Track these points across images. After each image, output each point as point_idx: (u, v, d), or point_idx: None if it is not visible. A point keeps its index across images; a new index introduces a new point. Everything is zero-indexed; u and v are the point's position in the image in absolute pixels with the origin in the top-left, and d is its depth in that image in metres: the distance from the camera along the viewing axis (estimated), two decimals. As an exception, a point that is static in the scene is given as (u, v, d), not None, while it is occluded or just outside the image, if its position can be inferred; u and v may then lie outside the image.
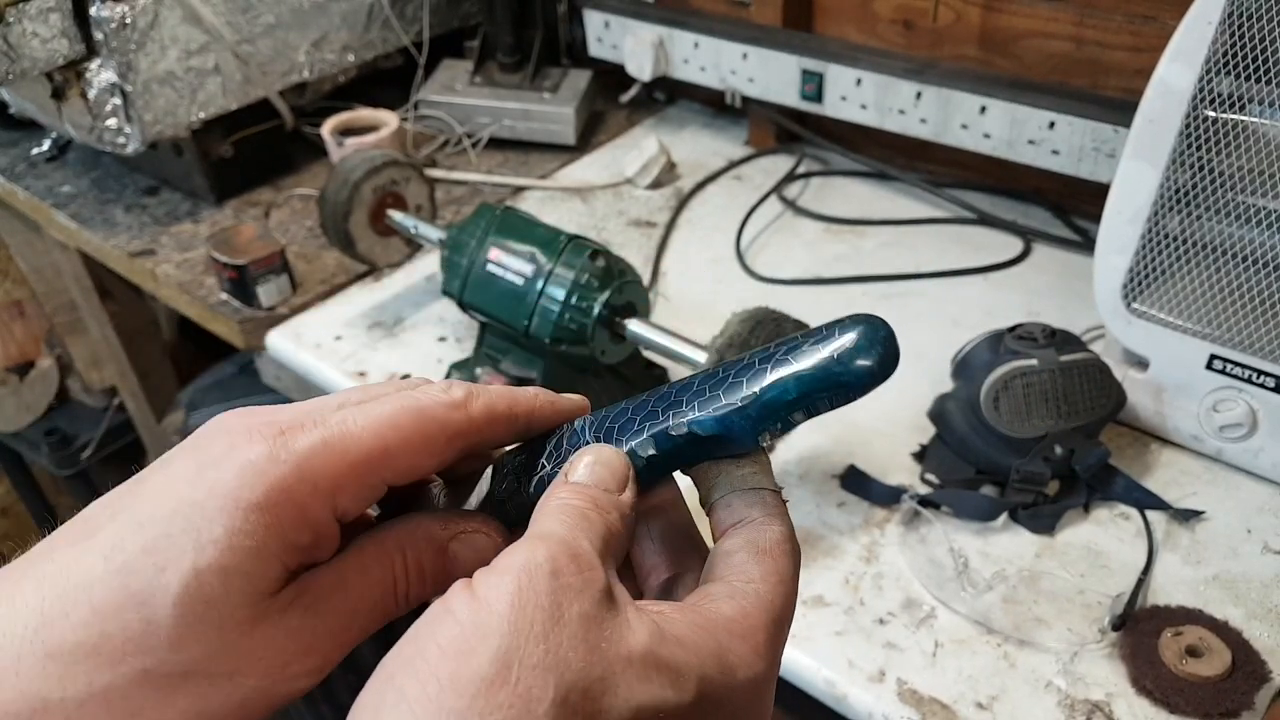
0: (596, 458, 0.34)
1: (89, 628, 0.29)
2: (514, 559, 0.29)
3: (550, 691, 0.26)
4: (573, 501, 0.32)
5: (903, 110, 1.15)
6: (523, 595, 0.28)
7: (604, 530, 0.31)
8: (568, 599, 0.28)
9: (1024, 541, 0.80)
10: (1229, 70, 0.76)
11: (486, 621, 0.27)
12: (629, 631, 0.29)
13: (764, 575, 0.32)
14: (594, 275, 0.84)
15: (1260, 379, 0.80)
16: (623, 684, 0.28)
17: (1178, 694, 0.67)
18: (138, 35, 1.10)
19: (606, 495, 0.33)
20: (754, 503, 0.34)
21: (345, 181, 0.99)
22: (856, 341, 0.32)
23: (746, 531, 0.34)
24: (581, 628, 0.28)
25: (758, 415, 0.33)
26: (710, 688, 0.29)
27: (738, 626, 0.31)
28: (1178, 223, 0.81)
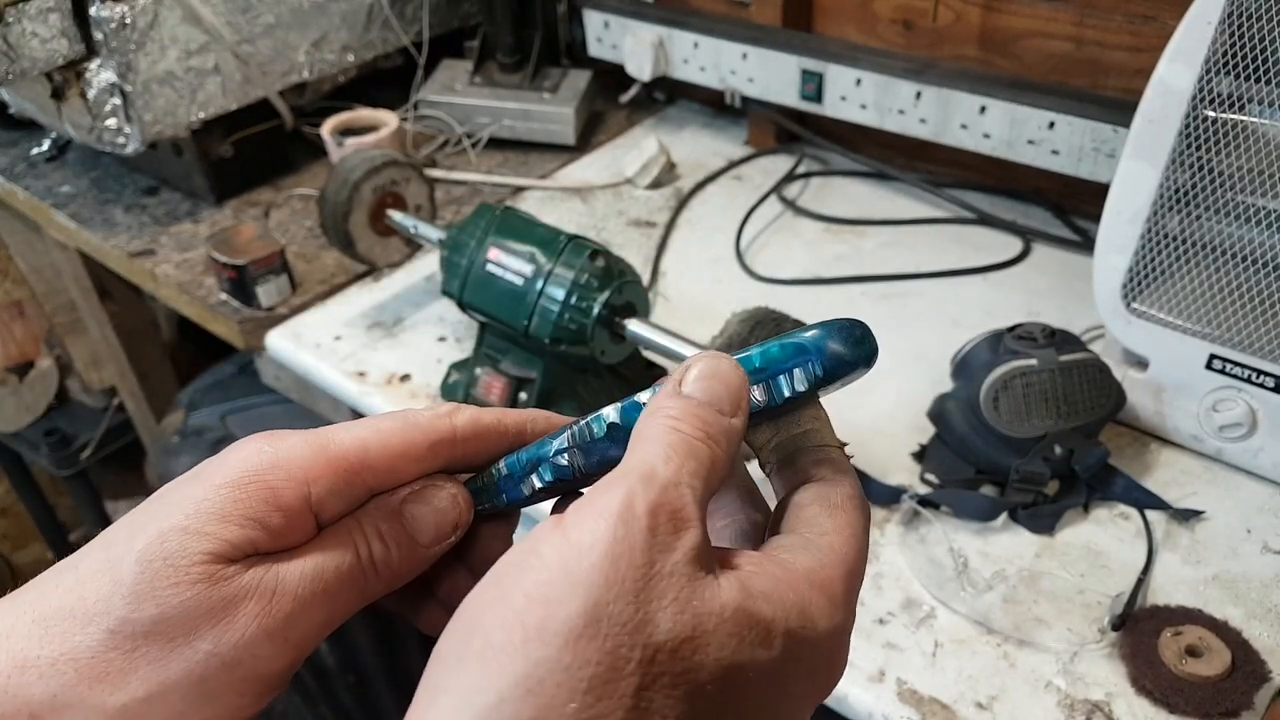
0: (712, 368, 0.32)
1: (71, 592, 0.31)
2: (611, 500, 0.28)
3: (638, 651, 0.26)
4: (683, 427, 0.30)
5: (902, 110, 1.15)
6: (617, 547, 0.27)
7: (709, 467, 0.30)
8: (663, 556, 0.27)
9: (1024, 541, 0.80)
10: (1228, 70, 0.76)
11: (576, 569, 0.27)
12: (719, 590, 0.28)
13: (837, 528, 0.32)
14: (594, 275, 0.84)
15: (1260, 379, 0.80)
16: (713, 643, 0.27)
17: (1177, 694, 0.67)
18: (137, 35, 1.10)
19: (719, 420, 0.31)
20: (820, 460, 0.34)
21: (345, 181, 0.99)
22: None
23: (816, 488, 0.33)
24: (673, 586, 0.27)
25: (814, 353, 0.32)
26: (794, 642, 0.29)
27: (816, 577, 0.30)
28: (1177, 222, 0.81)
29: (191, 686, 0.31)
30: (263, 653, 0.32)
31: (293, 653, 0.33)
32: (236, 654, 0.31)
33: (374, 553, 0.34)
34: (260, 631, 0.32)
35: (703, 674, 0.27)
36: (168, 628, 0.31)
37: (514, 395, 0.91)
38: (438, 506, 0.35)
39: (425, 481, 0.36)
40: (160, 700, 0.31)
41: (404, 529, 0.35)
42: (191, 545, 0.31)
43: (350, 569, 0.34)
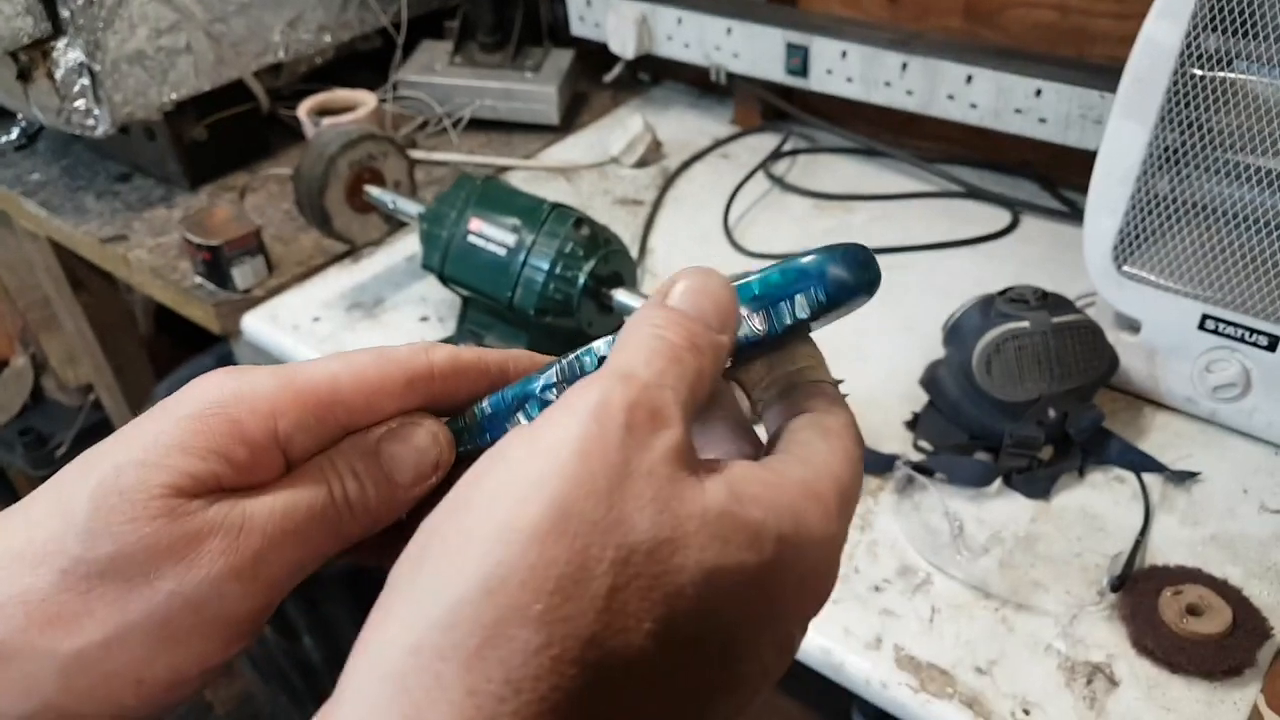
0: (700, 283, 0.30)
1: (18, 534, 0.29)
2: (587, 397, 0.26)
3: (610, 551, 0.24)
4: (668, 335, 0.28)
5: (889, 82, 1.14)
6: (588, 444, 0.25)
7: (694, 377, 0.28)
8: (639, 454, 0.26)
9: (1019, 506, 0.79)
10: (1215, 28, 0.75)
11: (545, 468, 0.25)
12: (701, 491, 0.26)
13: (830, 450, 0.30)
14: (579, 244, 0.82)
15: (1253, 338, 0.79)
16: (694, 545, 0.25)
17: (1179, 653, 0.65)
18: (105, 13, 1.07)
19: (705, 333, 0.29)
20: (814, 394, 0.33)
21: (321, 156, 0.97)
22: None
23: (810, 417, 0.32)
24: (650, 485, 0.25)
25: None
26: (786, 547, 0.27)
27: (810, 488, 0.29)
28: (1167, 182, 0.80)
29: (153, 629, 0.29)
30: (230, 592, 0.30)
31: (263, 595, 0.31)
32: (201, 593, 0.29)
33: (349, 491, 0.32)
34: (227, 569, 0.29)
35: (682, 576, 0.25)
36: (125, 566, 0.29)
37: (498, 370, 0.89)
38: (417, 445, 0.33)
39: (404, 419, 0.34)
40: (119, 644, 0.29)
41: (381, 468, 0.33)
42: (150, 478, 0.29)
43: (323, 507, 0.32)
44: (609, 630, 0.24)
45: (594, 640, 0.24)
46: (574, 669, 0.24)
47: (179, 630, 0.29)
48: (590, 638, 0.24)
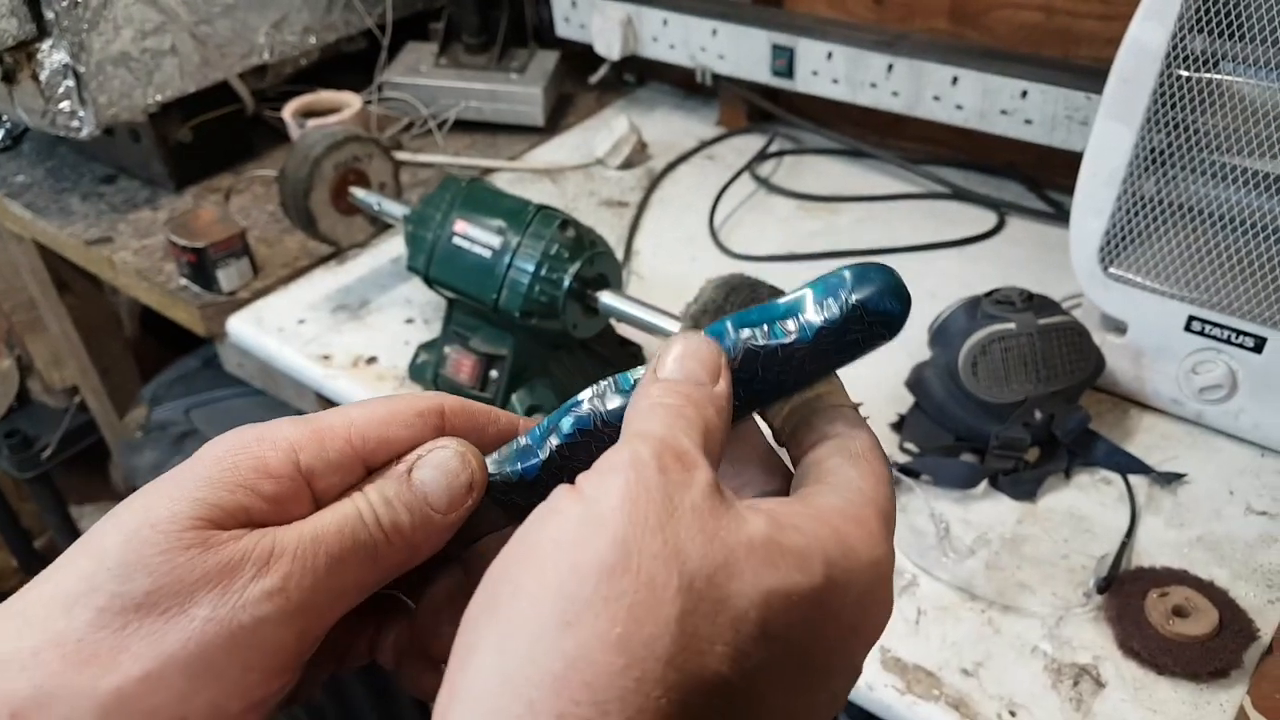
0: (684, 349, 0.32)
1: (49, 582, 0.29)
2: (618, 458, 0.28)
3: (674, 579, 0.25)
4: (666, 400, 0.30)
5: (874, 84, 1.13)
6: (633, 489, 0.27)
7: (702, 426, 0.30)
8: (679, 493, 0.27)
9: (1005, 508, 0.79)
10: (1201, 29, 0.75)
11: (599, 514, 0.26)
12: (744, 522, 0.27)
13: (862, 475, 0.31)
14: (564, 246, 0.82)
15: (1239, 339, 0.79)
16: (748, 570, 0.26)
17: (1166, 654, 0.65)
18: (90, 14, 1.07)
19: (700, 389, 0.31)
20: (834, 419, 0.33)
21: (306, 158, 0.96)
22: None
23: (834, 443, 0.33)
24: (696, 519, 0.27)
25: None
26: (836, 570, 0.28)
27: (849, 514, 0.30)
28: (1153, 184, 0.80)
29: (192, 661, 0.28)
30: (266, 616, 0.29)
31: (301, 623, 0.30)
32: (238, 620, 0.29)
33: (380, 516, 0.32)
34: (261, 593, 0.29)
35: (742, 601, 0.26)
36: (161, 598, 0.28)
37: (484, 373, 0.89)
38: (447, 467, 0.34)
39: (432, 444, 0.34)
40: (158, 680, 0.28)
41: (413, 492, 0.33)
42: (180, 511, 0.29)
43: (354, 532, 0.32)
44: (686, 653, 0.25)
45: (673, 662, 0.25)
46: (658, 690, 0.24)
47: (217, 661, 0.29)
48: (669, 660, 0.25)
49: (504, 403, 0.88)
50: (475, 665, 0.25)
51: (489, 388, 0.88)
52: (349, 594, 0.32)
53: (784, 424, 0.34)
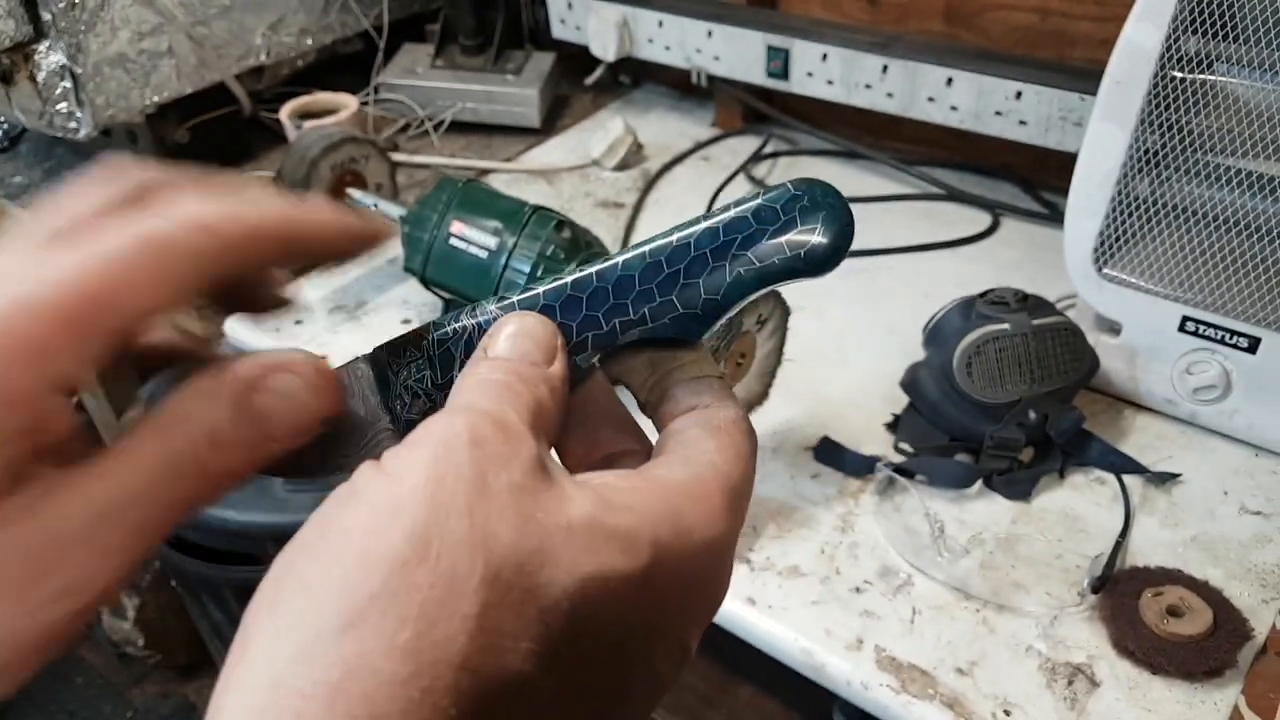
0: (519, 328, 0.30)
1: None
2: (428, 432, 0.26)
3: (479, 568, 0.23)
4: (494, 376, 0.28)
5: (869, 85, 1.14)
6: (440, 466, 0.25)
7: (532, 403, 0.28)
8: (493, 469, 0.25)
9: (1000, 508, 0.79)
10: (1196, 30, 0.75)
11: (399, 496, 0.24)
12: (567, 501, 0.25)
13: (719, 448, 0.30)
14: (560, 247, 0.82)
15: (1233, 340, 0.79)
16: (564, 555, 0.24)
17: (1160, 654, 0.65)
18: (87, 16, 1.07)
19: (533, 369, 0.29)
20: (701, 390, 0.32)
21: (302, 159, 0.96)
22: (820, 228, 0.30)
23: (697, 414, 0.31)
24: (511, 499, 0.25)
25: (716, 314, 0.31)
26: (665, 552, 0.26)
27: (692, 489, 0.28)
28: (1147, 185, 0.81)
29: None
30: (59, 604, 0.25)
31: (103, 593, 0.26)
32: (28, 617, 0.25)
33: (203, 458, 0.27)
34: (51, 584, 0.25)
35: (555, 589, 0.24)
36: None
37: (480, 373, 0.89)
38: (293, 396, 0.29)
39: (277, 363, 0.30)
40: None
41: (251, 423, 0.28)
42: None
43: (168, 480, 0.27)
44: (485, 654, 0.23)
45: (467, 666, 0.23)
46: (447, 699, 0.22)
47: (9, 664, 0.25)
48: (463, 664, 0.23)
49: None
50: (249, 661, 0.23)
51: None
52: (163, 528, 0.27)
53: (648, 395, 0.32)
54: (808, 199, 0.30)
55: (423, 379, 0.32)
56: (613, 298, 0.31)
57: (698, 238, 0.31)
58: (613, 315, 0.31)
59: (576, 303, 0.31)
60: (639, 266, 0.31)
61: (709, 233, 0.31)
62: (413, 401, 0.32)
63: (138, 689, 1.94)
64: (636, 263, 0.31)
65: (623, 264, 0.31)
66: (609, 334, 0.31)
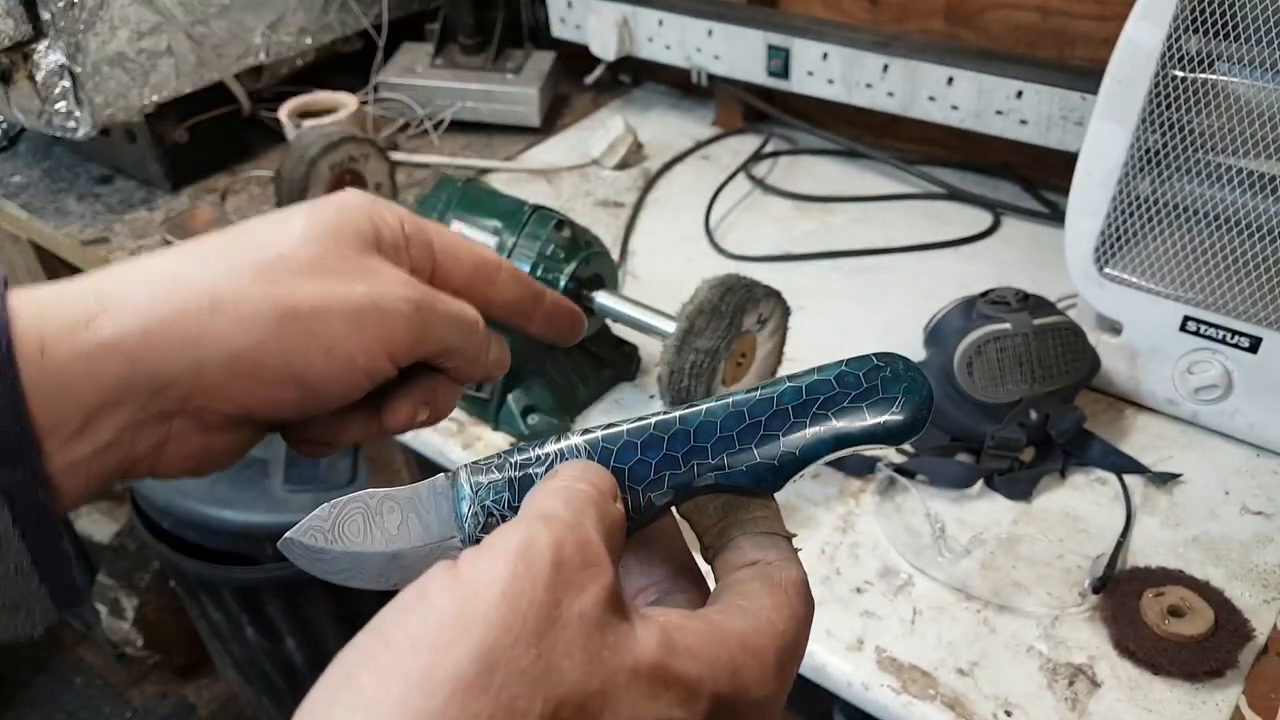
0: (587, 465, 0.31)
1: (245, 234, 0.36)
2: (509, 539, 0.25)
3: (538, 704, 0.23)
4: (579, 485, 0.28)
5: (870, 84, 1.14)
6: (517, 584, 0.24)
7: (611, 524, 0.28)
8: (569, 595, 0.24)
9: (1000, 508, 0.79)
10: (1197, 29, 0.75)
11: (471, 611, 0.23)
12: (635, 640, 0.25)
13: (777, 606, 0.29)
14: (560, 246, 0.82)
15: (1234, 339, 0.79)
16: (626, 700, 0.24)
17: (1161, 654, 0.65)
18: (86, 15, 1.07)
19: (607, 500, 0.29)
20: (767, 546, 0.32)
21: (302, 158, 0.96)
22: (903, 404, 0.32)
23: (760, 568, 0.31)
24: (582, 631, 0.24)
25: (792, 470, 0.32)
26: (722, 706, 0.26)
27: (750, 642, 0.28)
28: (1148, 184, 0.80)
29: (347, 315, 0.34)
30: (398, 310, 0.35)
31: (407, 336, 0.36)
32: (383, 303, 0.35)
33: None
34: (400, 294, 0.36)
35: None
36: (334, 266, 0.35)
37: (480, 373, 0.89)
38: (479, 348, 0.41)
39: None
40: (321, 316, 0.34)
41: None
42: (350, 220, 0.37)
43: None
44: None
45: None
46: None
47: (363, 324, 0.35)
48: None
49: (500, 403, 0.88)
50: None
51: (484, 388, 0.88)
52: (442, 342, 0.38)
53: (714, 540, 0.33)
54: (889, 370, 0.32)
55: (500, 500, 0.32)
56: (693, 441, 0.32)
57: (780, 394, 0.32)
58: (691, 458, 0.32)
59: (658, 442, 0.32)
60: (721, 414, 0.32)
61: (792, 391, 0.32)
62: (486, 521, 0.33)
63: (137, 689, 1.94)
64: (720, 410, 0.32)
65: (706, 411, 0.32)
66: (686, 475, 0.32)
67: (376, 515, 0.32)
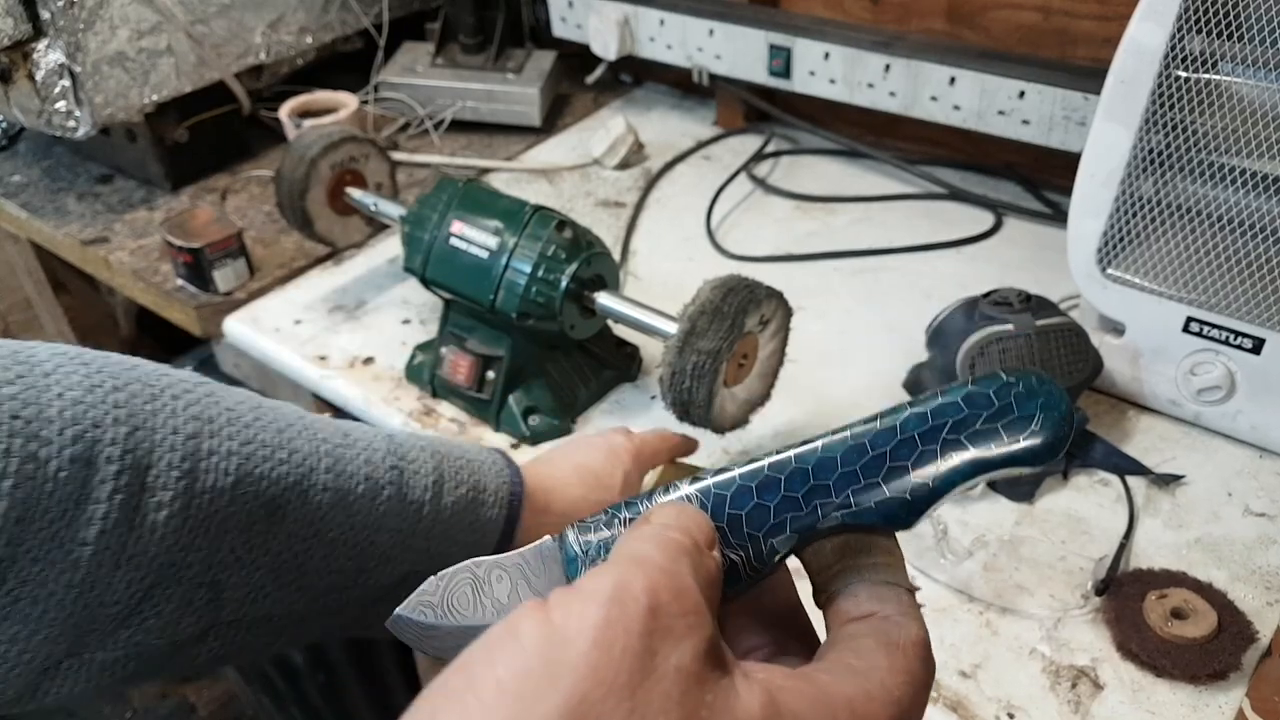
0: (682, 510, 0.29)
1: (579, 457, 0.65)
2: (602, 581, 0.24)
3: None
4: (671, 534, 0.26)
5: (871, 84, 1.13)
6: (610, 631, 0.22)
7: (707, 575, 0.26)
8: (666, 645, 0.23)
9: (1003, 510, 0.78)
10: (1200, 29, 0.75)
11: (561, 658, 0.22)
12: (736, 699, 0.23)
13: (892, 668, 0.27)
14: (561, 246, 0.82)
15: (1237, 340, 0.79)
16: None
17: (1164, 656, 0.65)
18: (86, 14, 1.06)
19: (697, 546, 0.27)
20: (887, 598, 0.29)
21: (302, 158, 0.96)
22: (1043, 422, 0.29)
23: (877, 622, 0.28)
24: (678, 686, 0.22)
25: (926, 504, 0.29)
26: None
27: (861, 709, 0.26)
28: (1151, 185, 0.80)
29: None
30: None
31: None
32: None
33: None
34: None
35: None
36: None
37: (481, 374, 0.88)
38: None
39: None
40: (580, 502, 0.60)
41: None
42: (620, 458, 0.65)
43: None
44: None
45: None
46: None
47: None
48: None
49: (501, 404, 0.88)
50: None
51: (485, 389, 0.88)
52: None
53: (828, 582, 0.30)
54: (1022, 386, 0.29)
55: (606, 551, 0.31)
56: (813, 479, 0.30)
57: (904, 421, 0.30)
58: (813, 497, 0.30)
59: (775, 483, 0.30)
60: (840, 449, 0.30)
61: (917, 417, 0.30)
62: None
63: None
64: (838, 445, 0.30)
65: (823, 446, 0.30)
66: (809, 517, 0.30)
67: (485, 584, 0.31)
